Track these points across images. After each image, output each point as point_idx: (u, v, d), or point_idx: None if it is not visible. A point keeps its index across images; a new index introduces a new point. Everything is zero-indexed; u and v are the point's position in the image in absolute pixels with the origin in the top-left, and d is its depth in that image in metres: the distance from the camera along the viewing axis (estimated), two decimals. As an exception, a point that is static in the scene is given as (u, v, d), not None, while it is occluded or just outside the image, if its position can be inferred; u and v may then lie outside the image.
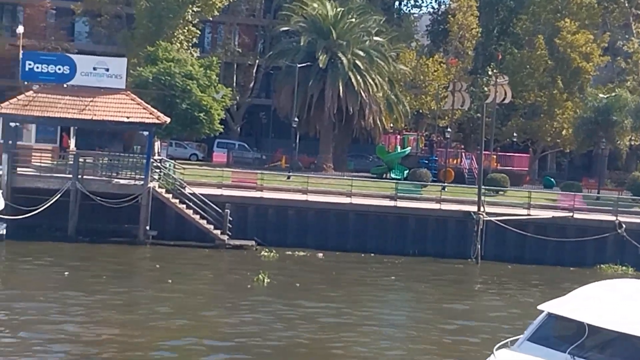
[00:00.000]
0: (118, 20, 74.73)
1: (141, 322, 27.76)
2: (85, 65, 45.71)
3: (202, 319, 29.29)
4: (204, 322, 28.82)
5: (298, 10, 68.30)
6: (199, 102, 55.19)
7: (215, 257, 41.85)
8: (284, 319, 29.36)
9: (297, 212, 46.06)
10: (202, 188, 46.21)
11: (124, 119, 44.46)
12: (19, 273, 35.15)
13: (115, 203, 42.36)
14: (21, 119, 44.56)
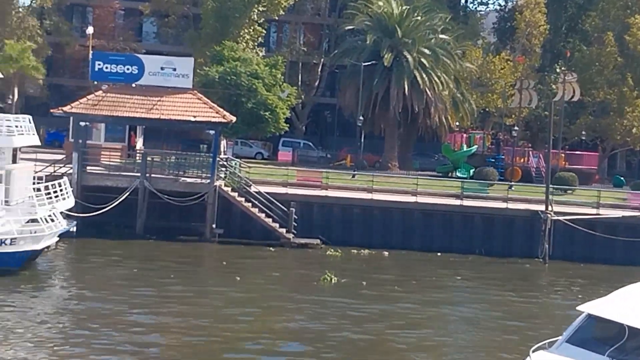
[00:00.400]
0: (185, 21, 75.48)
1: (210, 318, 28.04)
2: (153, 65, 46.27)
3: (270, 316, 29.46)
4: (272, 319, 28.98)
5: (363, 9, 68.19)
6: (264, 101, 55.43)
7: (281, 256, 42.01)
8: (351, 317, 29.39)
9: (362, 210, 45.97)
10: (268, 186, 46.41)
11: (190, 118, 44.87)
12: (89, 269, 35.71)
13: (182, 201, 42.81)
14: (91, 118, 45.26)
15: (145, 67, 46.12)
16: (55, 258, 37.29)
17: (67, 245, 39.21)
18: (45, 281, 33.31)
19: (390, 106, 63.73)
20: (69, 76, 78.26)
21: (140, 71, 46.00)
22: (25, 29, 74.33)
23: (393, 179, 53.22)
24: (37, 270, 34.32)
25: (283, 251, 42.74)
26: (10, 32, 72.66)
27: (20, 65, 65.57)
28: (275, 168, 53.85)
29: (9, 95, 68.88)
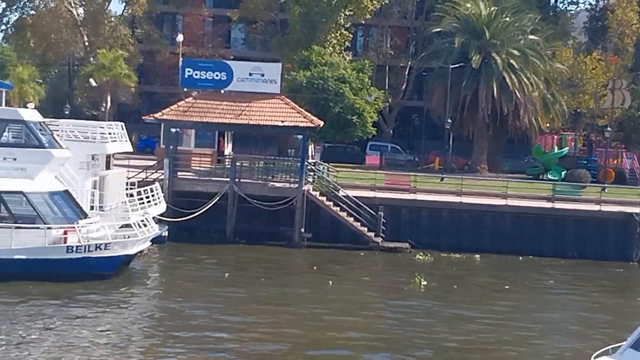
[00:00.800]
0: (272, 26, 76.11)
1: (303, 322, 28.22)
2: (242, 71, 46.74)
3: (362, 320, 29.42)
4: (364, 323, 28.93)
5: (450, 11, 67.73)
6: (351, 105, 55.48)
7: (370, 259, 41.94)
8: (442, 321, 29.18)
9: (451, 214, 45.56)
10: (356, 190, 46.39)
11: (279, 123, 45.16)
12: (181, 273, 36.22)
13: (271, 206, 43.08)
14: (181, 124, 45.94)
15: (234, 73, 46.63)
16: (147, 262, 37.93)
17: (159, 249, 39.86)
18: (138, 285, 33.90)
19: (479, 108, 63.12)
20: (159, 83, 79.68)
21: (229, 77, 46.52)
22: (117, 37, 76.03)
23: (482, 181, 52.65)
24: (131, 274, 34.94)
25: (372, 255, 42.66)
26: (103, 41, 74.40)
27: (112, 73, 67.07)
28: (363, 172, 53.80)
29: (102, 103, 70.50)
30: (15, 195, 32.43)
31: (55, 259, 31.62)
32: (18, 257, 31.31)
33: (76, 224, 32.61)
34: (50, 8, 76.22)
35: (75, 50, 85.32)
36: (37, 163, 33.17)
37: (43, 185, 33.03)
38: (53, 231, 31.99)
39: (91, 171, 37.35)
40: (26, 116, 34.07)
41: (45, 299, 29.06)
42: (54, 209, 32.93)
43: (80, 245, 32.07)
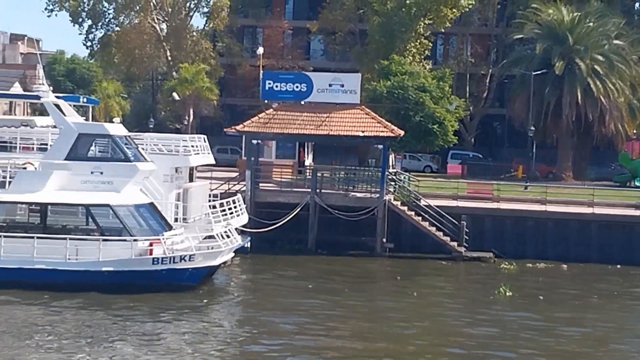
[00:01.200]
0: (351, 37, 76.23)
1: (390, 333, 28.16)
2: (321, 82, 46.90)
3: (450, 330, 29.20)
4: (452, 333, 28.66)
5: (532, 17, 66.92)
6: (432, 114, 55.15)
7: (454, 269, 41.59)
8: (530, 331, 28.74)
9: (536, 222, 44.87)
10: (437, 200, 46.07)
11: (359, 133, 45.16)
12: (264, 284, 36.44)
13: (352, 216, 43.08)
14: (262, 136, 46.31)
15: (314, 84, 46.81)
16: (231, 273, 38.27)
17: (241, 260, 40.17)
18: (222, 296, 34.22)
19: (563, 115, 62.23)
20: (240, 96, 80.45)
21: (309, 89, 46.73)
22: (199, 52, 77.17)
23: (567, 189, 51.78)
24: (215, 285, 35.29)
25: (455, 265, 42.29)
26: (185, 55, 75.59)
27: (195, 87, 68.09)
28: (444, 181, 53.43)
29: (185, 116, 71.60)
30: (102, 208, 33.09)
31: (141, 271, 32.15)
32: (105, 269, 31.92)
33: (161, 235, 33.10)
34: (135, 24, 77.79)
35: (159, 65, 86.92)
36: (123, 176, 33.77)
37: (129, 198, 33.62)
38: (139, 243, 32.53)
39: (175, 184, 37.88)
40: (112, 130, 34.75)
41: (131, 310, 29.55)
42: (140, 221, 33.48)
43: (166, 257, 32.53)
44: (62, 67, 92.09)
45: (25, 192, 32.96)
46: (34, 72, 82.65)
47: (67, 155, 33.83)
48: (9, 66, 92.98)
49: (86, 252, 32.15)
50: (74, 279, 31.49)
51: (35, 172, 33.91)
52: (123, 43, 77.29)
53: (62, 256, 31.96)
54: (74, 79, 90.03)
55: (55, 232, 32.79)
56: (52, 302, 30.02)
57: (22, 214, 34.31)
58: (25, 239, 32.24)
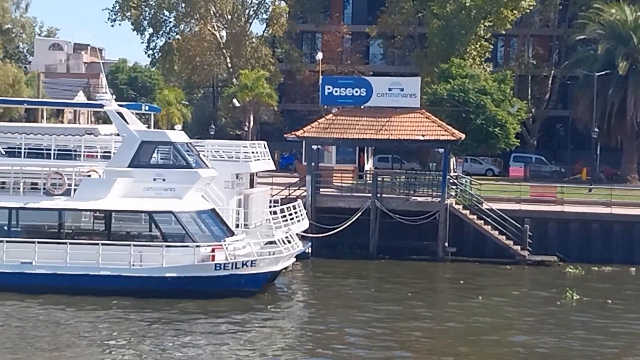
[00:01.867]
0: (411, 40, 75.96)
1: (457, 339, 27.88)
2: (381, 87, 46.80)
3: (517, 335, 28.82)
4: (519, 339, 28.27)
5: (594, 18, 65.99)
6: (493, 117, 54.72)
7: (517, 274, 41.09)
8: (601, 336, 28.29)
9: (601, 225, 44.19)
10: (500, 203, 45.62)
11: (419, 137, 44.95)
12: (327, 290, 36.41)
13: (413, 220, 42.85)
14: (322, 141, 46.34)
15: (373, 88, 46.75)
16: (293, 279, 38.34)
17: (303, 266, 40.24)
18: (285, 302, 34.29)
19: (627, 116, 61.27)
20: (300, 101, 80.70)
21: (369, 93, 46.66)
22: (258, 58, 77.63)
23: (633, 191, 50.92)
24: (277, 291, 35.38)
25: (519, 269, 41.80)
26: (245, 62, 76.10)
27: (255, 93, 68.45)
28: (507, 184, 52.92)
29: (245, 122, 72.02)
30: (165, 215, 33.41)
31: (204, 277, 32.38)
32: (169, 275, 32.23)
33: (223, 241, 33.30)
34: (195, 32, 78.59)
35: (219, 72, 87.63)
36: (185, 183, 34.05)
37: (191, 204, 33.89)
38: (201, 249, 32.76)
39: (236, 190, 38.09)
40: (174, 137, 35.09)
41: (195, 316, 29.78)
42: (202, 228, 33.72)
43: (228, 263, 32.72)
44: (125, 76, 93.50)
45: (89, 199, 33.42)
46: (97, 81, 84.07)
47: (130, 162, 34.22)
48: (73, 75, 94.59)
49: (150, 259, 32.49)
50: (137, 285, 31.85)
51: (99, 179, 34.38)
52: (184, 51, 78.14)
53: (126, 262, 32.34)
54: (136, 87, 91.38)
55: (119, 238, 33.22)
56: (117, 308, 30.39)
57: (86, 221, 34.80)
58: (90, 246, 32.70)
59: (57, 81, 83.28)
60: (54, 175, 33.85)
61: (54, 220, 33.68)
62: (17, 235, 33.21)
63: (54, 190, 33.65)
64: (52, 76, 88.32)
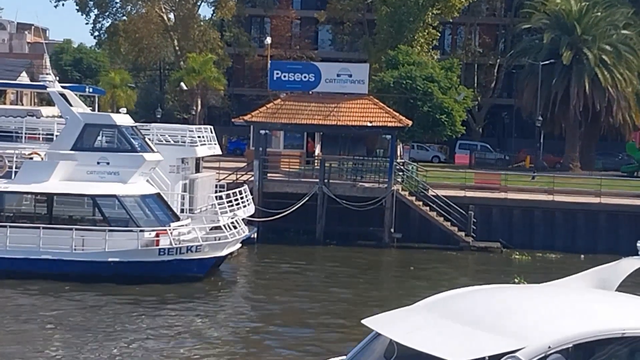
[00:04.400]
0: (359, 27, 76.08)
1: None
2: (329, 72, 46.77)
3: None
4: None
5: (540, 7, 66.69)
6: (440, 105, 55.03)
7: (464, 259, 41.45)
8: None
9: (544, 213, 44.74)
10: (445, 190, 45.95)
11: (367, 123, 45.03)
12: (272, 275, 36.37)
13: (360, 206, 42.97)
14: (270, 126, 46.20)
15: (321, 74, 46.68)
16: (238, 264, 38.23)
17: (249, 251, 40.14)
18: (230, 287, 34.19)
19: (571, 105, 62.06)
20: (248, 86, 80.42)
21: (317, 79, 46.60)
22: (206, 41, 77.07)
23: (575, 179, 51.63)
24: (222, 276, 35.26)
25: (464, 255, 42.19)
26: (193, 45, 75.49)
27: (202, 77, 67.99)
28: (452, 171, 53.30)
29: (192, 106, 71.53)
30: (108, 199, 33.03)
31: (148, 262, 32.10)
32: (112, 260, 31.89)
33: (168, 226, 33.03)
34: (142, 14, 77.69)
35: (166, 55, 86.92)
36: (129, 167, 33.68)
37: (135, 188, 33.56)
38: (145, 234, 32.47)
39: (181, 174, 37.82)
40: (119, 121, 34.67)
41: (137, 302, 29.51)
42: (147, 212, 33.40)
43: (172, 248, 32.48)
44: (69, 57, 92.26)
45: (31, 182, 32.89)
46: (41, 61, 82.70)
47: (73, 145, 33.73)
48: (16, 55, 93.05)
49: (92, 243, 32.11)
50: (80, 269, 31.47)
51: (41, 162, 33.86)
52: (130, 32, 77.22)
53: (68, 247, 31.94)
54: (81, 68, 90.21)
55: (61, 222, 32.77)
56: (59, 292, 30.00)
57: (28, 204, 34.30)
58: (32, 229, 32.22)
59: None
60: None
61: (-5, 203, 33.11)
62: (-43, 218, 32.59)
63: (-5, 172, 33.06)
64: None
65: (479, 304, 10.49)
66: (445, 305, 10.67)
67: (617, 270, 12.29)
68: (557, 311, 9.98)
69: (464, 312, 10.18)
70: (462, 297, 11.01)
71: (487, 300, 10.62)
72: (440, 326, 9.99)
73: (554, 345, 9.27)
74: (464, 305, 10.53)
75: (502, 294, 10.96)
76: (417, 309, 10.90)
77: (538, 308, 10.10)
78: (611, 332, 9.63)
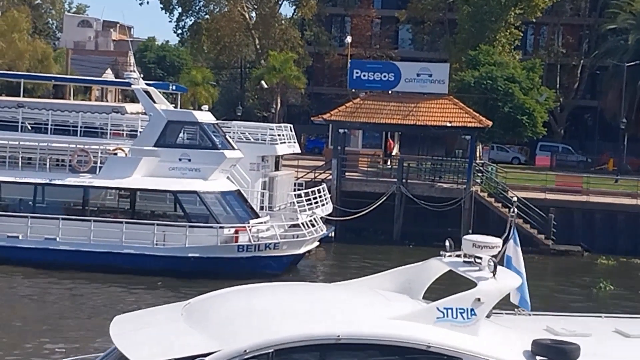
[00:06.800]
0: (440, 26, 75.63)
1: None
2: (409, 72, 46.64)
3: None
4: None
5: (625, 7, 65.48)
6: (521, 105, 54.39)
7: (544, 263, 40.84)
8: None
9: (627, 217, 43.86)
10: (525, 192, 45.40)
11: (446, 123, 44.76)
12: (350, 273, 36.26)
13: (438, 207, 42.74)
14: (349, 125, 46.26)
15: (401, 74, 46.60)
16: (315, 262, 38.35)
17: (326, 249, 40.23)
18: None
19: (656, 107, 60.80)
20: (328, 85, 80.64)
21: (397, 78, 46.51)
22: (287, 40, 77.54)
23: (660, 184, 50.52)
24: (300, 274, 35.38)
25: (544, 258, 41.59)
26: (273, 43, 76.03)
27: (283, 75, 68.39)
28: (533, 173, 52.63)
29: (272, 104, 72.03)
30: (189, 195, 33.48)
31: (227, 258, 32.45)
32: (191, 255, 32.32)
33: (247, 223, 33.33)
34: (224, 12, 78.56)
35: (247, 53, 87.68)
36: (210, 164, 34.07)
37: (216, 185, 33.95)
38: (225, 230, 32.81)
39: (261, 172, 38.13)
40: (200, 118, 35.10)
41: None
42: (226, 209, 33.79)
43: (251, 245, 32.77)
44: (153, 54, 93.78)
45: (115, 177, 33.52)
46: (126, 59, 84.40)
47: (156, 142, 34.25)
48: (102, 53, 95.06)
49: (173, 238, 32.58)
50: (160, 264, 31.95)
51: (125, 158, 34.46)
52: (213, 31, 78.15)
53: (150, 241, 32.47)
54: (164, 66, 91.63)
55: (143, 217, 33.35)
56: (136, 285, 30.52)
57: (111, 199, 34.99)
58: (115, 224, 32.84)
59: (85, 58, 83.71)
60: (80, 153, 33.97)
61: (79, 197, 33.83)
62: (42, 212, 33.39)
63: (80, 167, 33.78)
64: (81, 53, 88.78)
65: (227, 304, 9.95)
66: (198, 304, 10.16)
67: (424, 271, 11.73)
68: (276, 313, 9.37)
69: (203, 312, 9.70)
70: (222, 295, 10.47)
71: (236, 301, 10.06)
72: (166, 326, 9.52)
73: (251, 350, 8.72)
74: (212, 304, 9.98)
75: (259, 294, 10.34)
76: (168, 309, 10.49)
77: (265, 309, 9.49)
78: (323, 337, 8.95)
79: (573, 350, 9.30)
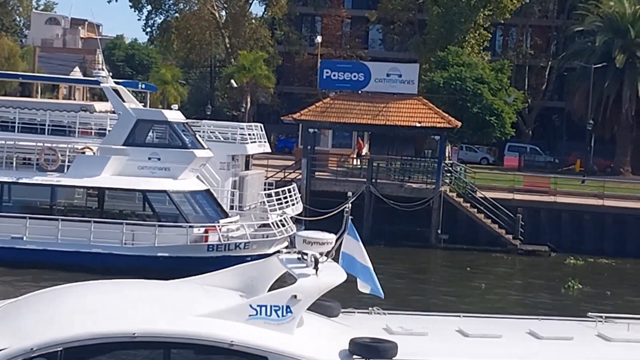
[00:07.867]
0: (410, 27, 75.90)
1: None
2: (379, 72, 46.79)
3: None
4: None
5: (593, 10, 66.03)
6: (490, 106, 54.69)
7: (512, 262, 41.14)
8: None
9: (593, 217, 44.29)
10: (493, 192, 45.71)
11: (415, 123, 44.96)
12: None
13: (407, 206, 42.89)
14: (319, 125, 46.33)
15: (371, 74, 46.72)
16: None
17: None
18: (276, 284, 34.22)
19: (623, 109, 61.35)
20: (298, 84, 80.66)
21: (367, 78, 46.63)
22: (257, 39, 77.49)
23: (625, 184, 51.03)
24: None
25: (511, 258, 41.88)
26: (243, 42, 75.94)
27: (252, 74, 68.30)
28: (501, 173, 52.97)
29: (242, 103, 71.94)
30: (159, 194, 33.35)
31: (196, 257, 32.32)
32: (161, 255, 32.20)
33: (217, 223, 33.27)
34: (194, 11, 78.33)
35: (217, 52, 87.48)
36: (180, 163, 33.95)
37: (185, 184, 33.85)
38: (195, 230, 32.73)
39: (231, 171, 38.04)
40: (170, 117, 34.97)
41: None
42: (196, 208, 33.70)
43: (221, 244, 32.69)
44: (122, 53, 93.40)
45: (83, 176, 33.30)
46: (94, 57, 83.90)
47: (125, 140, 34.07)
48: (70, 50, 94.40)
49: (142, 238, 32.45)
50: (129, 263, 31.76)
51: (93, 156, 34.26)
52: (182, 29, 77.89)
53: (119, 241, 32.32)
54: (133, 64, 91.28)
55: (112, 216, 33.17)
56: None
57: (79, 198, 34.77)
58: (83, 223, 32.64)
59: (53, 56, 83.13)
60: (48, 151, 33.71)
61: (47, 196, 33.59)
62: (9, 210, 33.10)
63: (47, 166, 33.53)
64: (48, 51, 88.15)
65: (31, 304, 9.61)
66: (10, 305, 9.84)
67: (266, 269, 11.32)
68: (68, 310, 9.08)
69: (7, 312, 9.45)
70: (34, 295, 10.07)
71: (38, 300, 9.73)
72: None
73: (38, 348, 8.47)
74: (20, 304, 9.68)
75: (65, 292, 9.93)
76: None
77: (60, 307, 9.19)
78: (117, 335, 8.68)
79: (389, 348, 9.18)
